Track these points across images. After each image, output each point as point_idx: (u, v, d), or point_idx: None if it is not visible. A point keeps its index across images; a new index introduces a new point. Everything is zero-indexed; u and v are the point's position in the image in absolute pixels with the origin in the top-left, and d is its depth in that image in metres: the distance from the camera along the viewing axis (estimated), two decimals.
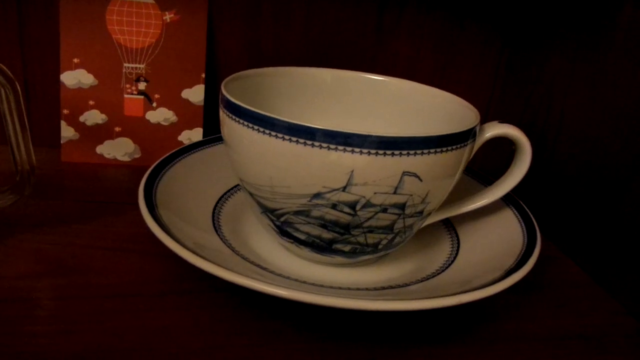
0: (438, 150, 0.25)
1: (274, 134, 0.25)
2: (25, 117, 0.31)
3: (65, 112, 0.43)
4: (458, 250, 0.33)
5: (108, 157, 0.45)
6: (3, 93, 0.30)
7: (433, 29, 0.47)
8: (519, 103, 0.46)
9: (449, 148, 0.26)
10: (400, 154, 0.25)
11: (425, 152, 0.25)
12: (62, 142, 0.44)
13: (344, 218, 0.27)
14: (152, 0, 0.42)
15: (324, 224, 0.27)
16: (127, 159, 0.45)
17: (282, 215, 0.28)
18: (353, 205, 0.26)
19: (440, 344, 0.28)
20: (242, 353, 0.26)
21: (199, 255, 0.25)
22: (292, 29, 0.45)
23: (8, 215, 0.34)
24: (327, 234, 0.28)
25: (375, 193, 0.26)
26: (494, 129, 0.30)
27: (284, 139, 0.25)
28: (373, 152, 0.24)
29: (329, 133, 0.24)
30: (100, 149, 0.44)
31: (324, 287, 0.28)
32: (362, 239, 0.28)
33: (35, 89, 0.45)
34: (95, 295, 0.28)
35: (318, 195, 0.26)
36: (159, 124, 0.44)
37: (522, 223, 0.33)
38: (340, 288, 0.29)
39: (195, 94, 0.44)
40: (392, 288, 0.29)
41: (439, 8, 0.46)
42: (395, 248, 0.31)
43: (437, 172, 0.26)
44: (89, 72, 0.43)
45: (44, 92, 0.45)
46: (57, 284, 0.29)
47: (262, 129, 0.25)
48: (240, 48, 0.46)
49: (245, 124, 0.26)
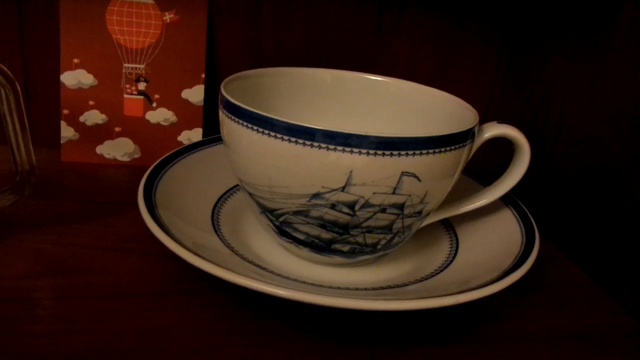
0: (437, 151, 0.25)
1: (273, 135, 0.25)
2: (25, 117, 0.31)
3: (65, 112, 0.43)
4: (457, 251, 0.33)
5: (108, 157, 0.45)
6: (3, 93, 0.30)
7: (433, 29, 0.47)
8: (519, 103, 0.46)
9: (448, 148, 0.26)
10: (399, 154, 0.25)
11: (424, 152, 0.25)
12: (62, 142, 0.44)
13: (343, 218, 0.27)
14: (152, 1, 0.42)
15: (323, 224, 0.27)
16: (127, 159, 0.45)
17: (281, 215, 0.28)
18: (352, 206, 0.26)
19: (440, 344, 0.28)
20: (242, 353, 0.26)
21: (199, 255, 0.25)
22: (292, 29, 0.45)
23: (8, 215, 0.34)
24: (326, 234, 0.28)
25: (374, 193, 0.26)
26: (493, 130, 0.31)
27: (283, 140, 0.25)
28: (372, 152, 0.24)
29: (328, 133, 0.24)
30: (100, 149, 0.44)
31: (323, 287, 0.29)
32: (361, 239, 0.28)
33: (35, 89, 0.45)
34: (95, 295, 0.28)
35: (317, 196, 0.26)
36: (159, 124, 0.44)
37: (520, 223, 0.33)
38: (339, 288, 0.29)
39: (195, 94, 0.44)
40: (390, 288, 0.29)
41: (439, 8, 0.46)
42: (394, 248, 0.31)
43: (435, 172, 0.26)
44: (89, 72, 0.43)
45: (44, 92, 0.45)
46: (57, 284, 0.29)
47: (261, 130, 0.25)
48: (240, 48, 0.46)
49: (245, 125, 0.26)
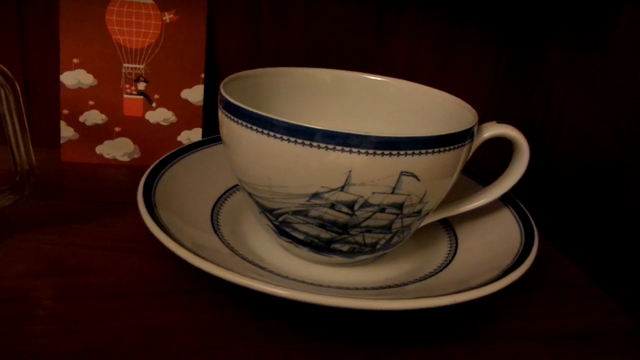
0: (436, 151, 0.25)
1: (273, 134, 0.25)
2: (25, 117, 0.31)
3: (65, 112, 0.43)
4: (456, 250, 0.33)
5: (108, 157, 0.45)
6: (3, 93, 0.30)
7: (432, 29, 0.47)
8: (518, 103, 0.46)
9: (447, 148, 0.26)
10: (398, 154, 0.25)
11: (423, 152, 0.25)
12: (61, 142, 0.44)
13: (342, 218, 0.27)
14: (151, 1, 0.42)
15: (322, 224, 0.27)
16: (126, 159, 0.45)
17: (280, 215, 0.28)
18: (351, 205, 0.26)
19: (439, 344, 0.28)
20: (242, 353, 0.26)
21: (198, 255, 0.25)
22: (292, 29, 0.45)
23: (8, 215, 0.34)
24: (325, 234, 0.28)
25: (373, 193, 0.26)
26: (492, 129, 0.31)
27: (283, 139, 0.25)
28: (371, 152, 0.24)
29: (328, 133, 0.24)
30: (100, 149, 0.44)
31: (323, 286, 0.29)
32: (360, 239, 0.28)
33: (35, 89, 0.45)
34: (95, 295, 0.28)
35: (316, 195, 0.26)
36: (159, 124, 0.45)
37: (520, 223, 0.33)
38: (339, 288, 0.29)
39: (195, 94, 0.44)
40: (390, 287, 0.29)
41: (439, 8, 0.46)
42: (394, 248, 0.31)
43: (434, 172, 0.26)
44: (89, 72, 0.43)
45: (44, 92, 0.45)
46: (57, 284, 0.29)
47: (260, 129, 0.25)
48: (240, 48, 0.46)
49: (244, 124, 0.26)
